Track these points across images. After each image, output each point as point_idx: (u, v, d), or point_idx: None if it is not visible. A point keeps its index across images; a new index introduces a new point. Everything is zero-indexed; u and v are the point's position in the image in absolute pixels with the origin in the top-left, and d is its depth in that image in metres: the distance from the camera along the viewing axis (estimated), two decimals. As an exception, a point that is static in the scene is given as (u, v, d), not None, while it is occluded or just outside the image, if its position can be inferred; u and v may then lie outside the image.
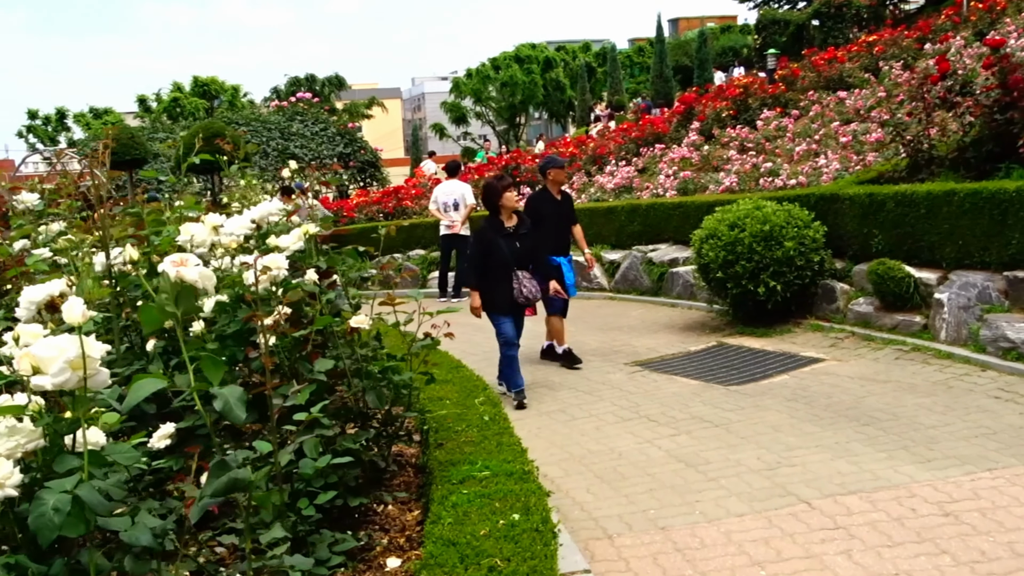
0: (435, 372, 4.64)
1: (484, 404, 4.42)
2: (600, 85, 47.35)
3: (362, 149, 21.53)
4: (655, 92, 32.54)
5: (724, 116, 14.92)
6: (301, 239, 3.09)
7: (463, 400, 4.53)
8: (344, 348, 3.13)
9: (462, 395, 4.65)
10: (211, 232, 2.98)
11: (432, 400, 4.51)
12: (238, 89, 40.17)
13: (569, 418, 6.56)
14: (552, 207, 8.06)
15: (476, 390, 4.80)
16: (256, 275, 2.51)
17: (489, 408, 4.32)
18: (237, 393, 1.85)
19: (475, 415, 4.19)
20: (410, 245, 14.67)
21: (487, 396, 4.63)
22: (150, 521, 1.89)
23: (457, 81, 53.46)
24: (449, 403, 4.45)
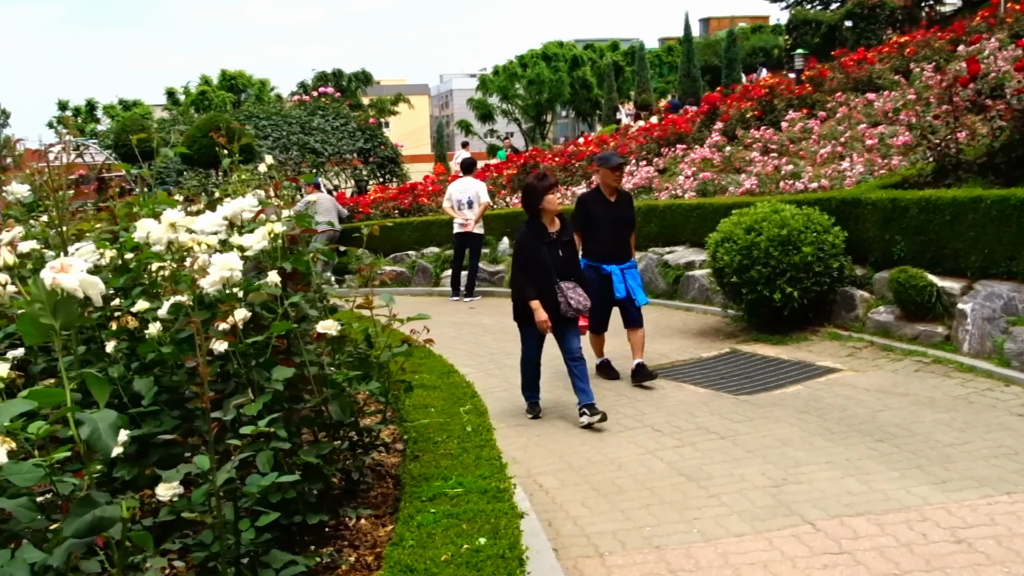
0: (424, 378, 4.47)
1: (470, 413, 4.23)
2: (628, 84, 47.00)
3: (382, 145, 21.40)
4: (683, 92, 32.17)
5: (748, 117, 14.61)
6: (266, 238, 2.91)
7: (449, 408, 4.34)
8: (310, 354, 2.95)
9: (448, 403, 4.46)
10: (168, 229, 2.81)
11: (416, 408, 4.33)
12: (265, 83, 40.28)
13: (570, 425, 6.36)
14: (603, 209, 7.23)
15: (464, 398, 4.60)
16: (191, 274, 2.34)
17: (474, 418, 4.13)
18: (110, 419, 1.66)
19: (458, 425, 4.00)
20: (424, 243, 14.51)
21: (474, 405, 4.43)
22: (31, 555, 1.72)
23: (484, 78, 53.36)
24: (434, 411, 4.27)
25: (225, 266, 2.64)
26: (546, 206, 6.25)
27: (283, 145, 19.58)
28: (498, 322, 10.70)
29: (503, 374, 7.98)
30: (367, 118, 22.48)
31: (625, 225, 7.41)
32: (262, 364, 2.77)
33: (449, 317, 11.43)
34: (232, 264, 2.61)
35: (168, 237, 2.84)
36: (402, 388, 3.50)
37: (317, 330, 2.97)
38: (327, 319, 2.99)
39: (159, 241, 2.86)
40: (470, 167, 13.06)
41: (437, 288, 13.69)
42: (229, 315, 2.61)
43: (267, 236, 2.87)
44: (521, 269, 6.30)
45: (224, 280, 2.60)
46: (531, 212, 6.34)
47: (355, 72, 37.81)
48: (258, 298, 2.80)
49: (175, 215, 2.87)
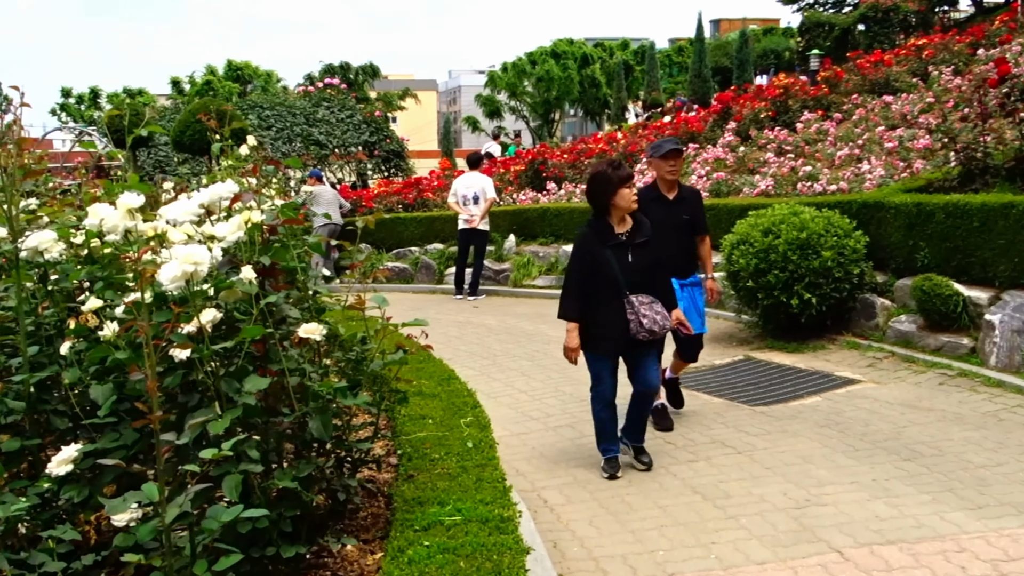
0: (422, 384, 4.11)
1: (471, 426, 3.86)
2: (637, 84, 46.61)
3: (388, 138, 21.03)
4: (693, 92, 31.79)
5: (762, 117, 14.26)
6: (241, 228, 2.56)
7: (448, 419, 3.98)
8: (290, 362, 2.61)
9: (447, 413, 4.09)
10: (125, 216, 2.47)
11: (413, 419, 3.97)
12: (272, 75, 39.93)
13: (578, 435, 6.01)
14: (661, 210, 5.77)
15: (465, 408, 4.23)
16: (140, 268, 2.00)
17: (475, 432, 3.77)
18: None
19: (458, 440, 3.65)
20: (428, 239, 14.17)
21: (475, 416, 4.07)
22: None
23: (493, 75, 53.03)
24: (431, 423, 3.91)
25: (188, 259, 2.27)
26: (619, 202, 5.01)
27: (287, 136, 19.23)
28: (502, 322, 10.37)
29: (506, 378, 7.64)
30: (373, 110, 22.09)
31: (687, 229, 6.03)
32: (232, 373, 2.43)
33: (452, 316, 11.10)
34: (196, 257, 2.25)
35: (124, 225, 2.50)
36: (397, 399, 3.15)
37: (299, 334, 2.63)
38: (312, 322, 2.65)
39: (114, 229, 2.52)
40: (477, 162, 12.70)
41: (440, 286, 13.35)
42: (193, 317, 2.28)
43: (242, 226, 2.53)
44: (576, 280, 5.11)
45: (186, 276, 2.25)
46: (597, 208, 5.14)
47: (362, 65, 37.43)
48: (230, 297, 2.46)
49: (132, 199, 2.52)
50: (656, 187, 6.01)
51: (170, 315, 2.34)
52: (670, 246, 5.66)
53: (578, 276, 5.09)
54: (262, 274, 2.55)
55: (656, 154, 5.97)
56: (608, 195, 5.03)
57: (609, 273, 5.00)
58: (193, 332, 2.33)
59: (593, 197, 5.15)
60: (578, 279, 5.09)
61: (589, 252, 5.07)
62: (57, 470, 2.50)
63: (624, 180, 5.01)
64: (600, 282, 5.03)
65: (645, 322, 4.97)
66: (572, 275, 5.16)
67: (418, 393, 4.37)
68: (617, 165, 5.13)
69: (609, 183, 5.03)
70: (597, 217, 5.14)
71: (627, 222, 5.13)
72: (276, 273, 2.59)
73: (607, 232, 5.08)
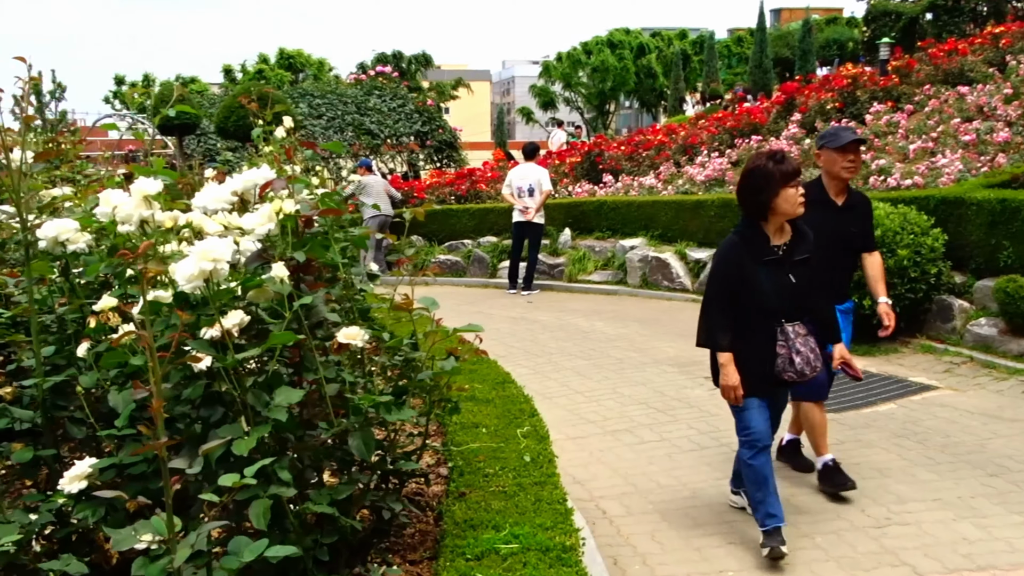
0: (475, 389, 3.85)
1: (528, 437, 3.58)
2: (695, 74, 45.81)
3: (440, 128, 20.81)
4: (753, 83, 31.06)
5: (829, 109, 13.71)
6: (272, 219, 2.32)
7: (503, 429, 3.71)
8: (328, 370, 2.37)
9: (503, 422, 3.82)
10: (141, 204, 2.25)
11: (465, 427, 3.71)
12: (324, 63, 40.02)
13: (637, 440, 5.72)
14: (826, 217, 4.58)
15: (521, 416, 3.95)
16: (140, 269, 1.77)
17: (533, 444, 3.49)
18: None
19: (514, 452, 3.38)
20: (482, 232, 13.93)
21: (533, 426, 3.78)
22: None
23: (547, 65, 52.59)
24: (485, 433, 3.64)
25: (205, 255, 2.00)
26: (781, 205, 3.91)
27: (337, 126, 19.12)
28: (556, 319, 10.10)
29: (562, 377, 7.37)
30: (425, 99, 21.89)
31: (853, 243, 4.79)
32: (261, 384, 2.21)
33: (505, 311, 10.86)
34: (215, 253, 2.02)
35: (140, 214, 2.28)
36: (448, 408, 2.89)
37: (338, 339, 2.39)
38: (356, 324, 2.40)
39: (128, 219, 2.30)
40: (532, 152, 12.40)
41: (493, 279, 13.11)
42: (215, 321, 2.05)
43: (272, 217, 2.29)
44: (718, 302, 4.04)
45: (204, 274, 2.02)
46: (751, 211, 4.01)
47: (415, 54, 37.29)
48: (259, 297, 2.23)
49: (148, 185, 2.30)
50: (822, 187, 4.73)
51: (193, 317, 2.12)
52: (834, 263, 4.62)
53: (720, 298, 4.02)
54: (296, 272, 2.31)
55: (832, 144, 4.69)
56: (768, 196, 3.91)
57: (761, 297, 3.95)
58: (217, 337, 2.10)
59: (747, 197, 4.02)
60: (720, 302, 4.02)
61: (736, 268, 3.97)
62: (70, 487, 2.30)
63: (789, 177, 3.89)
64: (747, 306, 3.98)
65: (797, 360, 3.95)
66: (713, 295, 4.06)
67: (471, 398, 4.12)
68: (780, 158, 3.98)
69: (770, 180, 3.91)
70: (749, 223, 4.03)
71: (786, 231, 4.03)
72: (312, 270, 2.36)
73: (761, 243, 3.98)
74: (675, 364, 7.63)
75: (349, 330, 2.40)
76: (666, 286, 11.27)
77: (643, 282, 11.61)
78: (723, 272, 4.04)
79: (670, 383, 7.05)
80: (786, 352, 3.97)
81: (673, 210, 11.55)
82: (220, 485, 1.83)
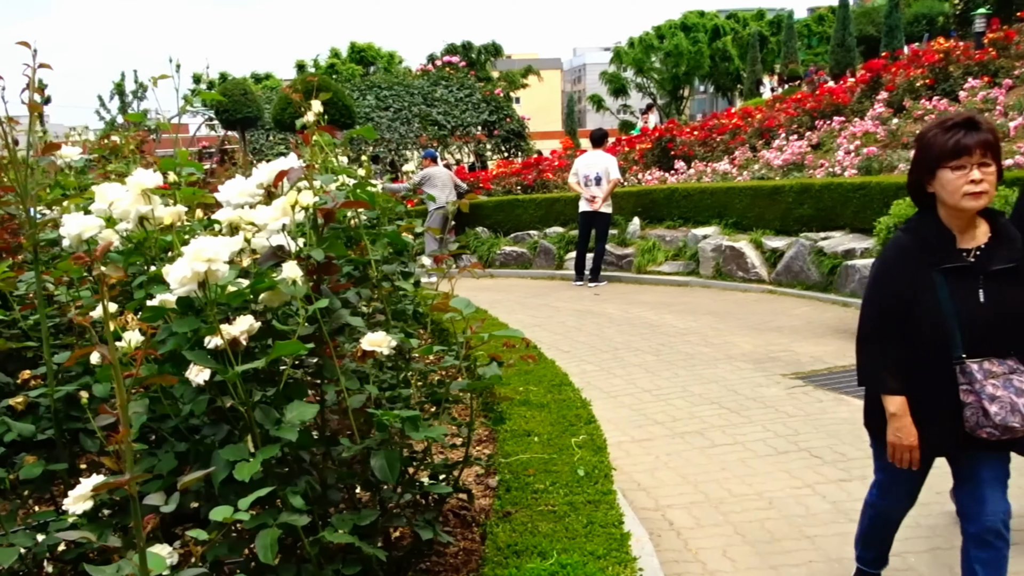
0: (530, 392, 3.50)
1: (584, 448, 3.21)
2: (772, 56, 44.42)
3: (508, 117, 20.47)
4: (835, 62, 29.83)
5: (919, 86, 12.91)
6: (287, 213, 2.03)
7: (557, 438, 3.35)
8: (349, 380, 2.06)
9: (557, 430, 3.47)
10: (139, 198, 1.98)
11: (515, 435, 3.37)
12: (394, 56, 40.11)
13: (708, 443, 5.30)
14: None
15: (577, 423, 3.59)
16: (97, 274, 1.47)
17: (589, 455, 3.12)
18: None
19: (567, 465, 3.02)
20: (548, 222, 13.57)
21: (590, 435, 3.41)
22: None
23: (619, 50, 51.73)
24: (537, 442, 3.29)
25: (198, 255, 1.72)
26: (939, 192, 2.81)
27: (404, 117, 18.96)
28: (624, 312, 9.69)
29: (628, 374, 6.98)
30: (492, 89, 21.59)
31: None
32: (271, 399, 1.92)
33: (571, 304, 10.49)
34: (209, 252, 1.73)
35: (137, 210, 2.01)
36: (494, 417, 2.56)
37: (362, 347, 2.08)
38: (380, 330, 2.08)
39: (125, 215, 2.04)
40: (601, 139, 11.96)
41: (560, 271, 12.74)
42: (219, 329, 1.76)
43: (287, 210, 1.99)
44: (881, 326, 2.92)
45: (198, 277, 1.73)
46: (918, 199, 2.95)
47: (485, 44, 37.04)
48: (273, 300, 1.94)
49: (146, 178, 2.03)
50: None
51: (195, 323, 1.83)
52: None
53: (885, 321, 2.89)
54: (316, 272, 2.01)
55: None
56: (921, 177, 2.87)
57: (935, 316, 2.81)
58: (224, 345, 1.81)
59: (909, 179, 2.95)
60: (885, 326, 2.89)
61: (899, 276, 2.87)
62: (74, 507, 2.06)
63: (952, 154, 2.73)
64: (917, 330, 2.84)
65: (995, 410, 2.73)
66: (874, 317, 2.96)
67: (524, 402, 3.79)
68: (950, 125, 2.80)
69: (927, 153, 2.82)
70: (924, 215, 2.92)
71: (979, 230, 2.85)
72: (333, 269, 2.05)
73: (941, 243, 2.83)
74: (750, 360, 7.16)
75: (374, 336, 2.09)
76: (740, 277, 10.74)
77: (716, 273, 11.10)
78: (887, 285, 2.90)
79: (744, 381, 6.59)
80: (975, 401, 2.77)
81: (748, 197, 10.99)
82: (211, 519, 1.56)
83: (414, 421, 2.03)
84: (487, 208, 14.36)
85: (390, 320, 2.41)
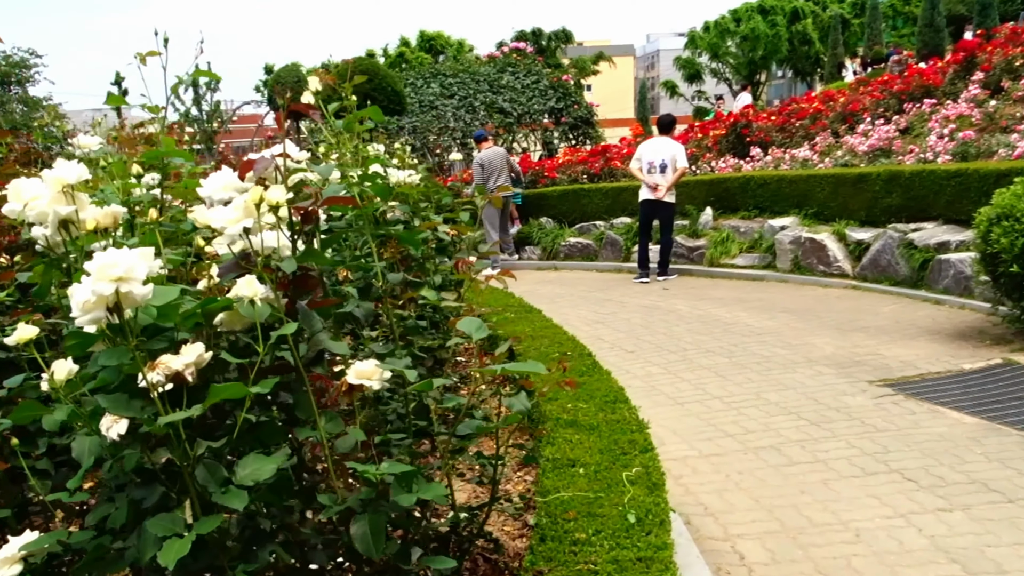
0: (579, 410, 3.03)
1: (637, 484, 2.70)
2: (855, 39, 42.65)
3: (576, 104, 19.87)
4: (923, 43, 28.34)
5: (1018, 65, 11.94)
6: (252, 214, 1.61)
7: (605, 470, 2.84)
8: (332, 423, 1.63)
9: (607, 459, 2.95)
10: (59, 197, 1.58)
11: (557, 465, 2.88)
12: (463, 43, 39.76)
13: (785, 460, 4.76)
14: None
15: (631, 451, 3.06)
16: None
17: (642, 494, 2.61)
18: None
19: (616, 507, 2.52)
20: (615, 212, 13.01)
21: (645, 466, 2.89)
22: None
23: (693, 35, 50.44)
24: (582, 474, 2.80)
25: (104, 273, 1.33)
26: None
27: (469, 105, 18.54)
28: (694, 308, 9.12)
29: (696, 378, 6.45)
30: (560, 75, 21.00)
31: None
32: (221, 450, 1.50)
33: (638, 299, 9.96)
34: (122, 269, 1.33)
35: (57, 211, 1.60)
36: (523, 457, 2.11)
37: (347, 380, 1.66)
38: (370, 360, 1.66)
39: (43, 218, 1.64)
40: (669, 125, 11.33)
41: (627, 263, 12.20)
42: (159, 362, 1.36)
43: (251, 211, 1.58)
44: None
45: (104, 301, 1.32)
46: None
47: (555, 31, 36.35)
48: (234, 323, 1.53)
49: (67, 172, 1.62)
50: None
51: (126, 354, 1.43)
52: None
53: None
54: (291, 286, 1.60)
55: None
56: None
57: None
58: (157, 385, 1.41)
59: None
60: None
61: None
62: (5, 572, 1.69)
63: None
64: None
65: None
66: None
67: (571, 423, 3.30)
68: None
69: None
70: None
71: None
72: (310, 284, 1.63)
73: None
74: (832, 364, 6.54)
75: (362, 367, 1.67)
76: (821, 271, 10.04)
77: (794, 266, 10.41)
78: None
79: (825, 388, 5.99)
80: None
81: (830, 185, 10.27)
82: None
83: (407, 479, 1.60)
84: (551, 198, 13.87)
85: (398, 341, 1.99)
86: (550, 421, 3.29)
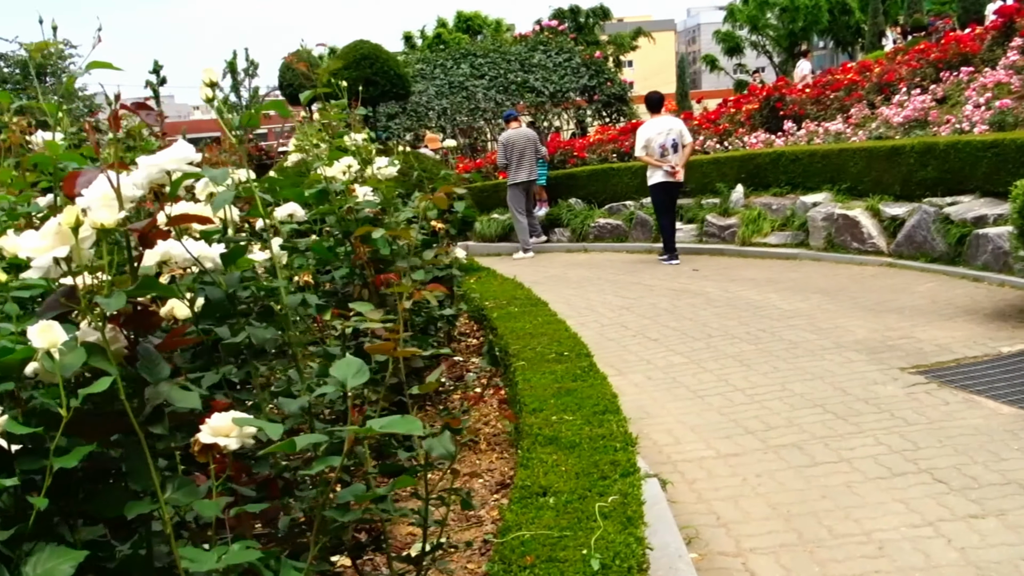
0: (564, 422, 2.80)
1: (611, 518, 2.36)
2: (896, 7, 41.36)
3: (609, 81, 19.47)
4: (963, 11, 27.35)
5: (1063, 27, 11.36)
6: (67, 239, 1.30)
7: (578, 500, 2.47)
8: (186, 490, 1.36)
9: (583, 484, 2.61)
10: None
11: (525, 494, 2.52)
12: (500, 23, 39.42)
13: (807, 460, 4.50)
14: None
15: (611, 474, 2.71)
16: None
17: (615, 530, 2.26)
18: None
19: (581, 548, 2.20)
20: (645, 192, 12.58)
21: (624, 494, 2.53)
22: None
23: (732, 8, 49.39)
24: (551, 504, 2.47)
25: None
26: None
27: (500, 85, 18.24)
28: (723, 291, 8.83)
29: (720, 368, 6.20)
30: (593, 52, 20.58)
31: None
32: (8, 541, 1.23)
33: (667, 282, 9.69)
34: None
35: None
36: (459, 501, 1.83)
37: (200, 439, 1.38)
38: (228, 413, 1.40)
39: None
40: (658, 103, 11.07)
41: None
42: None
43: (68, 236, 1.33)
44: None
45: None
46: None
47: (593, 8, 35.78)
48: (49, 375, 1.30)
49: None
50: None
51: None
52: None
53: None
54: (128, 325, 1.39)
55: None
56: None
57: None
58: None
59: None
60: None
61: None
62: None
63: None
64: None
65: None
66: None
67: (552, 440, 3.01)
68: None
69: None
70: None
71: None
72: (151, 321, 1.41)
73: None
74: (863, 349, 6.24)
75: (217, 422, 1.45)
76: (855, 248, 9.66)
77: (828, 244, 10.05)
78: None
79: (855, 376, 5.70)
80: None
81: (864, 159, 9.86)
82: None
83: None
84: (581, 178, 13.60)
85: (303, 376, 1.76)
86: (528, 438, 3.03)
